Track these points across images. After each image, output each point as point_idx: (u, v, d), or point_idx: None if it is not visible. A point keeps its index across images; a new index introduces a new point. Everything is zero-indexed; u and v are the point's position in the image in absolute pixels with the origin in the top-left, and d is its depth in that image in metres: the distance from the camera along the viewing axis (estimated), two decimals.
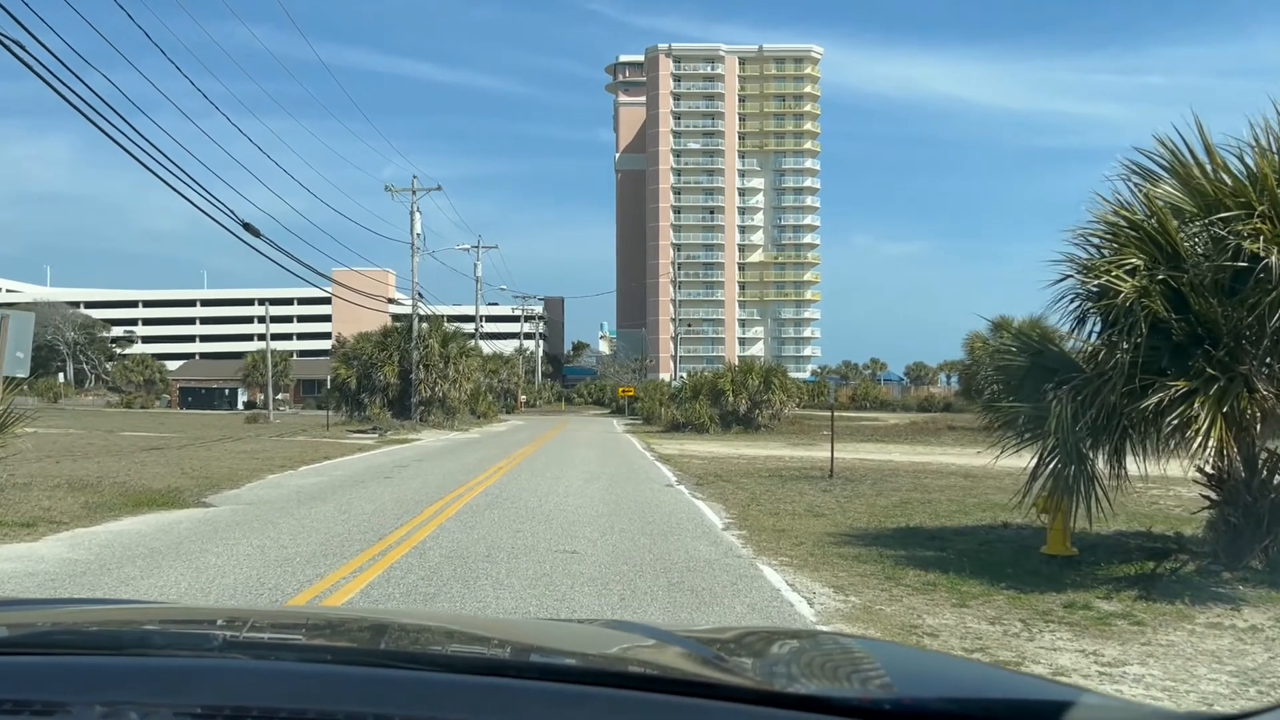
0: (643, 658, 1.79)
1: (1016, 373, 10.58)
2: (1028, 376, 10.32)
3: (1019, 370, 10.53)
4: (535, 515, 13.11)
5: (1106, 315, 9.21)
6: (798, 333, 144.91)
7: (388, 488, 16.79)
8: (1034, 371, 10.29)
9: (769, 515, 13.70)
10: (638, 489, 17.34)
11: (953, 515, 14.01)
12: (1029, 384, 10.32)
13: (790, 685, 1.68)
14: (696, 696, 1.37)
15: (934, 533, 12.13)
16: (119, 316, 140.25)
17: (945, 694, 1.57)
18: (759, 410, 44.88)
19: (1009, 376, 10.94)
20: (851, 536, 11.71)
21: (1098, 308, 9.30)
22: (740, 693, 1.46)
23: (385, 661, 1.58)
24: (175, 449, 26.99)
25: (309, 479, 18.60)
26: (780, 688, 1.63)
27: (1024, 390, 10.39)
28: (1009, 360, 10.89)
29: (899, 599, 8.26)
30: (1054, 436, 8.96)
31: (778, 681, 1.72)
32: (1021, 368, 10.48)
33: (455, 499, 15.02)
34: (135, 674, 1.41)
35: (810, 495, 16.72)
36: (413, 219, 45.93)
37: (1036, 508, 9.87)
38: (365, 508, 13.77)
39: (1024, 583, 8.75)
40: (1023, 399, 10.27)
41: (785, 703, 1.40)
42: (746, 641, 2.13)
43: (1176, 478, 11.13)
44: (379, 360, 45.17)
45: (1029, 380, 10.30)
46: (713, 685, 1.49)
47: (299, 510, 13.53)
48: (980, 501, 15.93)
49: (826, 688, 1.74)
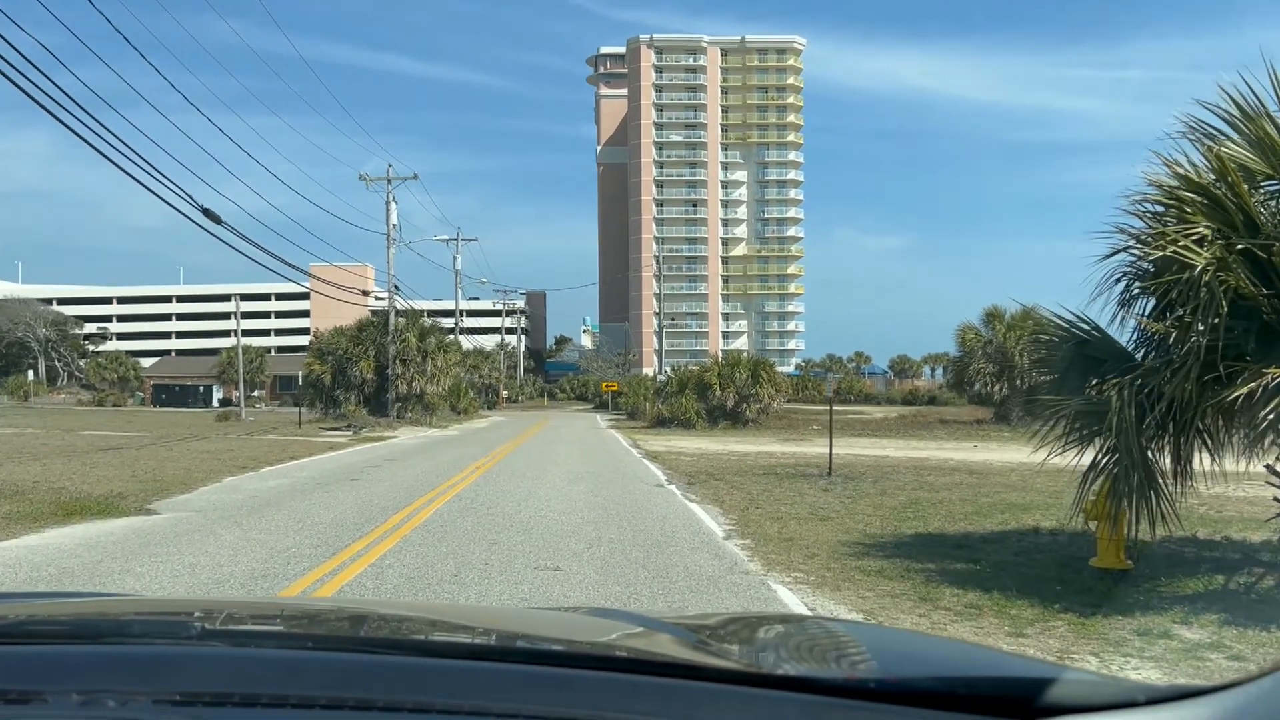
0: (627, 643, 1.75)
1: (1059, 363, 9.31)
2: (1072, 367, 9.07)
3: (1061, 360, 9.26)
4: (513, 524, 11.77)
5: (1165, 294, 7.98)
6: (781, 326, 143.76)
7: (352, 492, 15.39)
8: (1078, 362, 9.05)
9: (771, 520, 12.42)
10: (626, 491, 16.01)
11: (971, 518, 12.78)
12: (1073, 375, 9.07)
13: (775, 667, 1.68)
14: (681, 679, 1.37)
15: (958, 540, 10.87)
16: (93, 313, 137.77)
17: (929, 673, 1.60)
18: (747, 405, 43.71)
19: (1050, 367, 9.67)
20: (868, 545, 10.44)
21: (1155, 285, 8.07)
22: (725, 674, 1.46)
23: (367, 647, 1.57)
24: (134, 449, 25.48)
25: (269, 482, 17.18)
26: (765, 669, 1.64)
27: (1067, 382, 9.14)
28: (1050, 351, 9.60)
29: (942, 626, 6.98)
30: (1114, 435, 7.70)
31: (763, 663, 1.72)
32: (1064, 357, 9.22)
33: (425, 504, 13.64)
34: (112, 662, 1.40)
35: (811, 496, 15.47)
36: (388, 209, 44.35)
37: (1086, 514, 8.62)
38: (323, 516, 12.37)
39: (1080, 603, 7.50)
40: (1066, 391, 9.02)
41: (770, 683, 1.40)
42: (732, 627, 2.13)
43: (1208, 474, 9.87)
44: (354, 355, 43.62)
45: (1073, 371, 9.05)
46: (697, 667, 1.49)
47: (249, 519, 12.13)
48: (994, 502, 14.73)
49: (812, 669, 1.75)
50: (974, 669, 1.72)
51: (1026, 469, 21.66)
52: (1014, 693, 1.36)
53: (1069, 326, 9.17)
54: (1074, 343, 9.01)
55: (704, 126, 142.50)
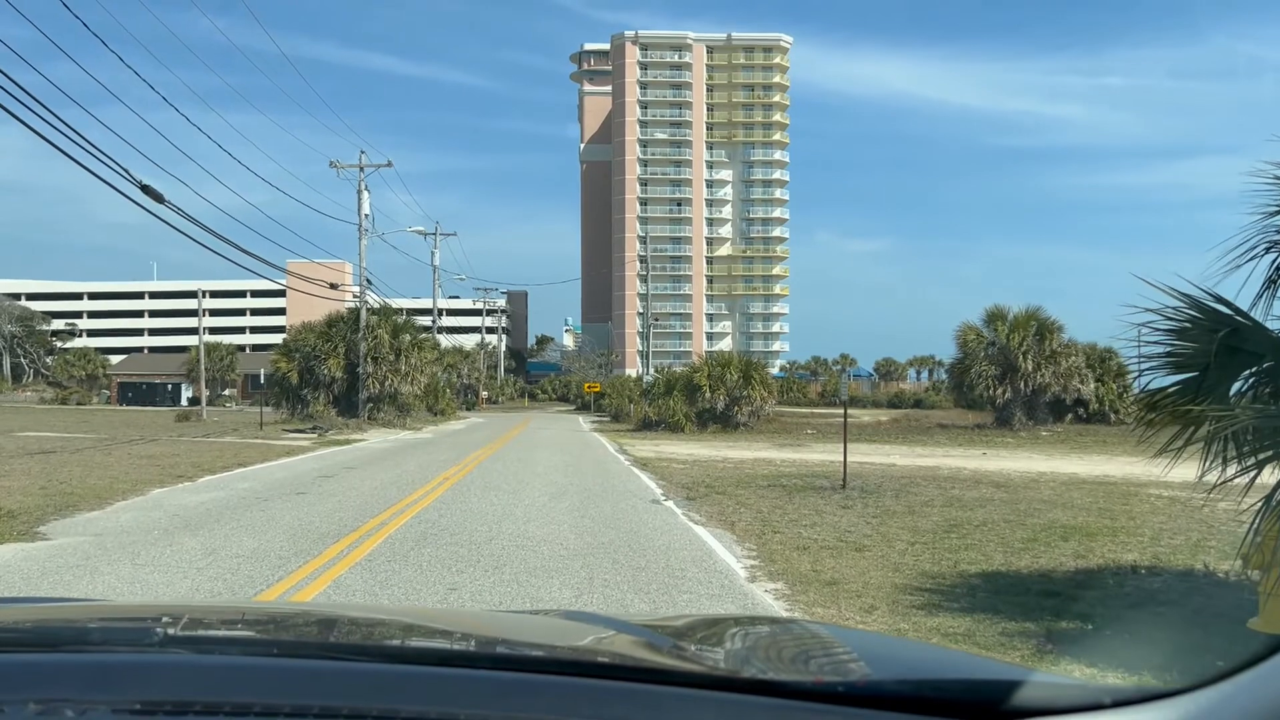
0: (598, 647, 1.75)
1: (1196, 358, 7.09)
2: (1216, 364, 6.88)
3: (1199, 355, 7.05)
4: (481, 558, 9.45)
5: None
6: (766, 327, 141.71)
7: (294, 509, 13.02)
8: (1226, 356, 6.86)
9: (798, 550, 10.19)
10: (618, 509, 13.70)
11: (1033, 548, 10.58)
12: (1217, 374, 6.89)
13: (745, 670, 1.68)
14: (650, 683, 1.37)
15: (1040, 583, 8.65)
16: (63, 309, 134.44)
17: (899, 675, 1.59)
18: (738, 407, 41.54)
19: (1182, 364, 7.43)
20: (930, 591, 8.21)
21: None
22: (695, 678, 1.46)
23: (333, 654, 1.55)
24: (69, 453, 22.98)
25: (201, 495, 14.77)
26: (735, 673, 1.64)
27: (1207, 383, 6.95)
28: (1184, 341, 7.36)
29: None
30: None
31: (733, 667, 1.72)
32: (1203, 351, 7.01)
33: (377, 528, 11.31)
34: (71, 670, 1.37)
35: (831, 514, 13.27)
36: (360, 198, 41.86)
37: (1246, 559, 6.42)
38: (244, 545, 9.98)
39: None
40: (1208, 395, 6.83)
41: (739, 687, 1.41)
42: (706, 629, 2.11)
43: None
44: (323, 352, 41.09)
45: (1218, 369, 6.87)
46: (668, 671, 1.50)
47: (151, 549, 9.76)
48: (1045, 524, 12.58)
49: (781, 672, 1.74)
50: (942, 671, 1.75)
51: (1051, 479, 19.56)
52: (982, 695, 1.37)
53: (1210, 311, 6.97)
54: (1225, 331, 6.80)
55: (689, 124, 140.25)
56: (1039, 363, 40.38)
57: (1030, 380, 40.20)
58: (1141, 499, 16.06)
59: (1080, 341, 43.11)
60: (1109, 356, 45.64)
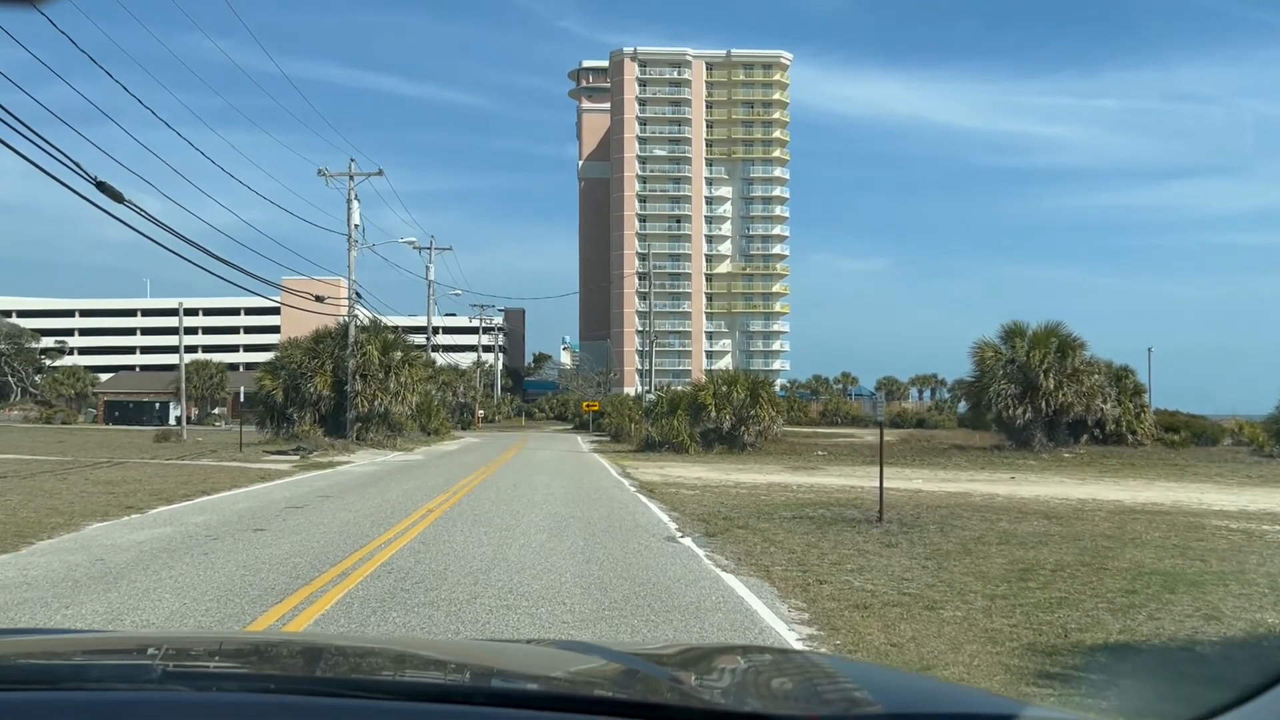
0: (595, 680, 1.73)
1: None
2: None
3: None
4: (461, 626, 7.37)
5: None
6: (766, 345, 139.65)
7: (242, 552, 10.93)
8: None
9: (857, 609, 8.17)
10: (629, 550, 11.64)
11: (1139, 603, 8.57)
12: None
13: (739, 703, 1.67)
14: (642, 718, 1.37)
15: (1183, 657, 6.65)
16: (54, 326, 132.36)
17: (890, 709, 1.57)
18: (745, 427, 39.58)
19: None
20: (1055, 677, 6.19)
21: None
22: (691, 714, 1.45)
23: (330, 689, 1.53)
24: (21, 478, 20.94)
25: (143, 532, 12.69)
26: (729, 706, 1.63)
27: None
28: None
29: None
30: None
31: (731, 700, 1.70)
32: None
33: (337, 578, 9.23)
34: (71, 708, 1.34)
35: (876, 555, 11.29)
36: (349, 208, 39.94)
37: None
38: (161, 608, 7.87)
39: None
40: None
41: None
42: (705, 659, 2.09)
43: None
44: (309, 369, 39.05)
45: None
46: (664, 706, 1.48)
47: (41, 611, 7.68)
48: (1128, 567, 10.67)
49: (772, 705, 1.71)
50: (934, 705, 1.73)
51: (1095, 508, 17.44)
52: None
53: None
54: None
55: (688, 141, 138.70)
56: (1060, 381, 38.42)
57: (1052, 399, 38.21)
58: (1210, 531, 14.18)
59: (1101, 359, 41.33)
60: (1124, 375, 43.79)
